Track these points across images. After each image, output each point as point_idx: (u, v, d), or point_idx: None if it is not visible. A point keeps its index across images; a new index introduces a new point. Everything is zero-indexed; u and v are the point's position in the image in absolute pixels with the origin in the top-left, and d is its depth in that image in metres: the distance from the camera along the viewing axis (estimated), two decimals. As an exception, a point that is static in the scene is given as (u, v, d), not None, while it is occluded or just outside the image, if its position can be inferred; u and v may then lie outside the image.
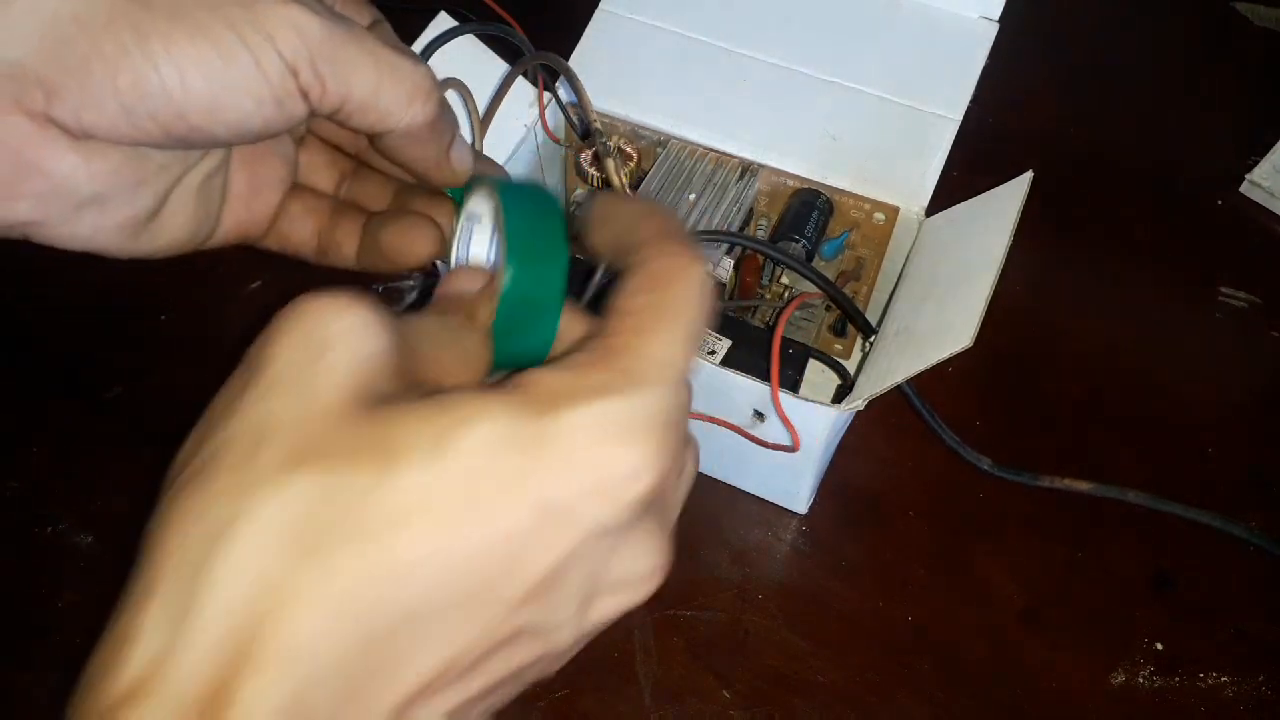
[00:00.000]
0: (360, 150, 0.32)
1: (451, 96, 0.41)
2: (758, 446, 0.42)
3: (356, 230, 0.31)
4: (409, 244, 0.30)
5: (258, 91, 0.24)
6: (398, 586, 0.18)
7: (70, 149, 0.24)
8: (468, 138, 0.37)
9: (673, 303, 0.22)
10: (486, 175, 0.31)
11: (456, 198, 0.31)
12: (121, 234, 0.26)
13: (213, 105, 0.24)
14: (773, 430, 0.41)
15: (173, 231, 0.27)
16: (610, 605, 0.22)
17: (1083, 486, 0.47)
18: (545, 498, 0.19)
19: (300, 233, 0.31)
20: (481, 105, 0.44)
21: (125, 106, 0.23)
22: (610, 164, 0.39)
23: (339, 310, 0.20)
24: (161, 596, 0.18)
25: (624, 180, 0.39)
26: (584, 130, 0.47)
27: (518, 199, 0.28)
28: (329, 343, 0.20)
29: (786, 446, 0.40)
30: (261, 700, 0.17)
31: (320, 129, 0.31)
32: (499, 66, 0.46)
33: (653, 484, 0.20)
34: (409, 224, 0.30)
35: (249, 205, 0.30)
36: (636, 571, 0.22)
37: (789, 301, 0.42)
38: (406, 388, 0.21)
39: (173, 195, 0.26)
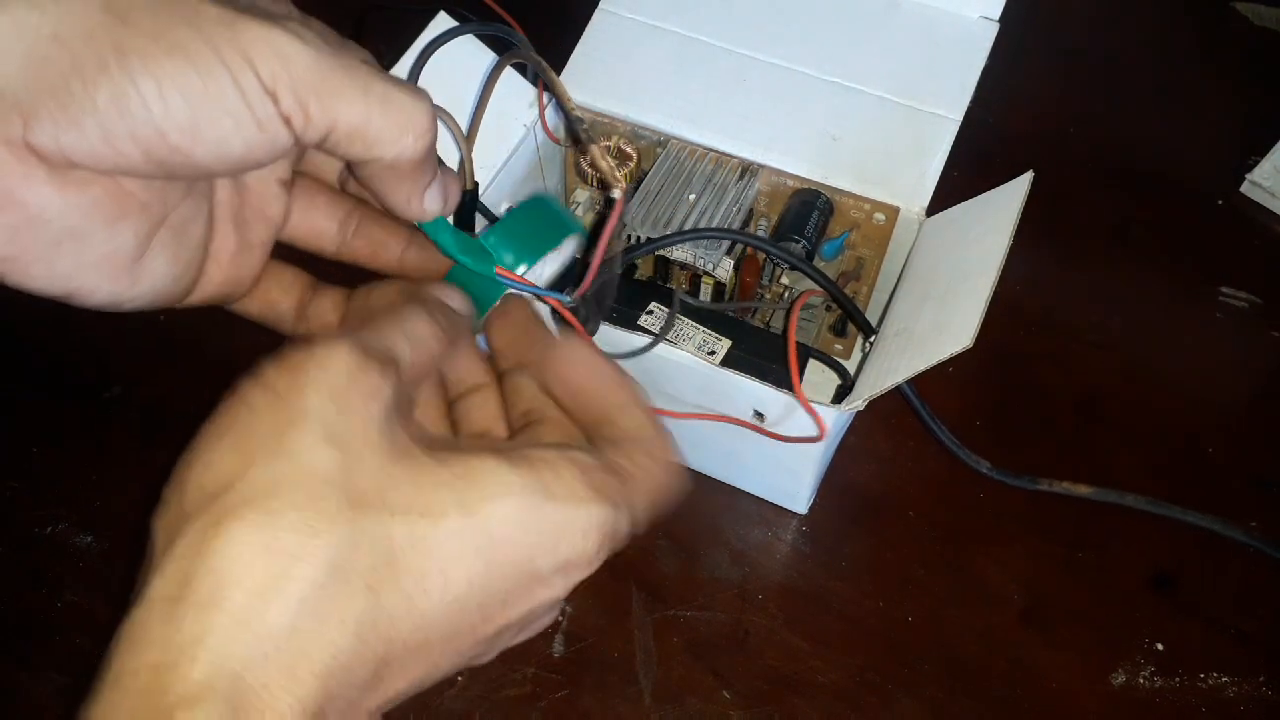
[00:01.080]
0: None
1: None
2: (756, 447, 0.42)
3: (339, 303, 0.32)
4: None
5: (236, 111, 0.24)
6: (419, 622, 0.23)
7: (46, 180, 0.23)
8: (455, 156, 0.36)
9: (658, 479, 0.28)
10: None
11: (428, 232, 0.32)
12: (101, 274, 0.25)
13: (192, 124, 0.23)
14: (785, 426, 0.41)
15: (153, 278, 0.27)
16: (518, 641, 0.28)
17: (1082, 490, 0.47)
18: (538, 567, 0.24)
19: (281, 299, 0.32)
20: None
21: (104, 126, 0.23)
22: (595, 150, 0.38)
23: (363, 363, 0.24)
24: (228, 610, 0.21)
25: (612, 166, 0.38)
26: (568, 129, 0.47)
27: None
28: (360, 399, 0.23)
29: (810, 437, 0.40)
30: (290, 704, 0.20)
31: (311, 167, 0.32)
32: (499, 67, 0.46)
33: (590, 573, 0.26)
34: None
35: (235, 262, 0.30)
36: (542, 625, 0.29)
37: (794, 300, 0.42)
38: (408, 404, 0.26)
39: (155, 239, 0.26)
